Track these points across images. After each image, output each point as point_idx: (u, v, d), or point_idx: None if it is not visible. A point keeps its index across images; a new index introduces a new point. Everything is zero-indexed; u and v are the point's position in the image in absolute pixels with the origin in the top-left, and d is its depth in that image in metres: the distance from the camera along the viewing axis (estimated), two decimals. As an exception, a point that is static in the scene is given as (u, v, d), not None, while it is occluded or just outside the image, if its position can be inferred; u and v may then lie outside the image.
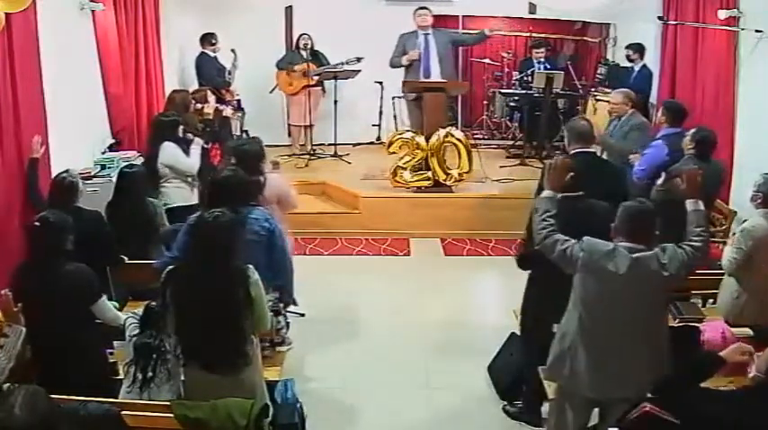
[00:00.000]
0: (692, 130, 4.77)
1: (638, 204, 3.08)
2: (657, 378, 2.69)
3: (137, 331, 3.21)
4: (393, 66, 7.58)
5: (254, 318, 3.08)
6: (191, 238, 3.22)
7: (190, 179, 5.31)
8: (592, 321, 3.02)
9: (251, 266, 3.13)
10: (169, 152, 5.24)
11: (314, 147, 8.49)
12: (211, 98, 7.04)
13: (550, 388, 3.41)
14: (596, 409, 3.27)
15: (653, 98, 7.43)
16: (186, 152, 5.33)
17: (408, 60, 7.45)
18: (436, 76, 7.43)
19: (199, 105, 6.72)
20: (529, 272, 3.83)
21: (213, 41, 7.88)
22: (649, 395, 2.54)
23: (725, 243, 5.15)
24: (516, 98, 8.87)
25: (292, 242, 4.87)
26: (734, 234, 4.09)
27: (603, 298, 2.98)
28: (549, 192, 3.31)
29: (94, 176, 5.47)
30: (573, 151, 4.15)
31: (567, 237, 3.12)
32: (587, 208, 3.49)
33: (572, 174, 3.39)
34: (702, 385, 2.58)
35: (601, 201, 3.52)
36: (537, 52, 8.68)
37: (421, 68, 7.45)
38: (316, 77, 8.13)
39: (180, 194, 5.26)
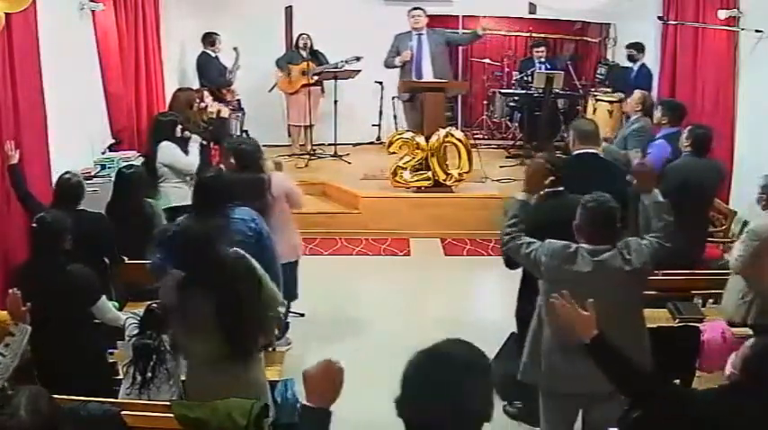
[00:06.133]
0: (688, 128, 4.75)
1: (598, 203, 2.93)
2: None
3: (136, 331, 3.21)
4: (387, 66, 7.66)
5: (265, 298, 3.09)
6: (179, 251, 3.14)
7: (189, 178, 5.30)
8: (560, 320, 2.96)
9: (239, 250, 3.11)
10: (167, 152, 5.25)
11: (314, 147, 8.48)
12: (208, 98, 7.04)
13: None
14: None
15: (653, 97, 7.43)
16: (185, 151, 5.33)
17: (401, 61, 7.51)
18: (428, 76, 7.45)
19: (203, 104, 6.73)
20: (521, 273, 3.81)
21: (215, 41, 7.89)
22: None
23: (724, 243, 5.17)
24: (516, 98, 8.86)
25: (300, 242, 4.83)
26: (739, 233, 4.07)
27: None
28: (523, 195, 3.26)
29: (94, 176, 5.47)
30: (576, 151, 4.15)
31: (531, 240, 3.07)
32: (573, 204, 3.47)
33: (552, 178, 3.35)
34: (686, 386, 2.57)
35: None
36: (537, 51, 8.67)
37: (413, 69, 7.49)
38: (315, 77, 8.13)
39: (178, 194, 5.25)
